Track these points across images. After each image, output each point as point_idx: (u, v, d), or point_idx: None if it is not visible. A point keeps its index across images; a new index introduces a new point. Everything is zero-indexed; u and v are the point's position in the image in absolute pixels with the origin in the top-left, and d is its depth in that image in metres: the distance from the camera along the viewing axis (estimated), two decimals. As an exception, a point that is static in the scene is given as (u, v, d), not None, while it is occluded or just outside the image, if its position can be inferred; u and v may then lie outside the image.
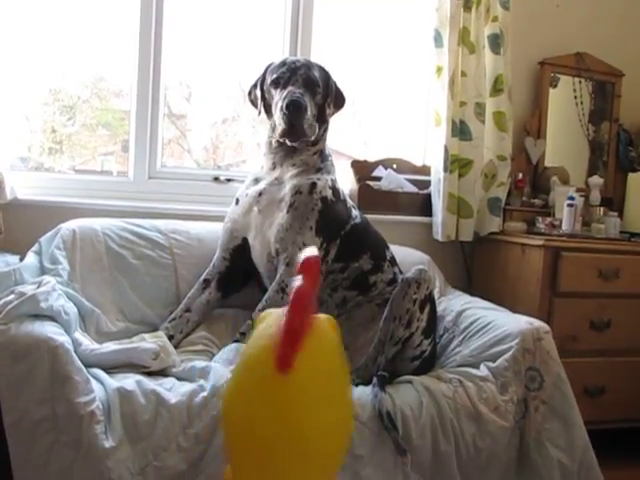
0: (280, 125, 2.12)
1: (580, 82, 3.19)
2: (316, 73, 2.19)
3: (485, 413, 1.91)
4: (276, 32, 2.91)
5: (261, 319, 1.15)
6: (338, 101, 2.30)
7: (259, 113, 2.30)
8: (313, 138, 2.18)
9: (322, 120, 2.24)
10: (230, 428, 1.06)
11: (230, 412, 1.05)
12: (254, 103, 2.33)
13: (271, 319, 1.10)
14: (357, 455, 1.75)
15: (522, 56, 3.06)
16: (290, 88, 2.12)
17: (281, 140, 2.16)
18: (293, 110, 2.07)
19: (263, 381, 1.02)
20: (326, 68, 2.28)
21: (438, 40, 2.81)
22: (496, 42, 2.86)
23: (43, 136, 2.80)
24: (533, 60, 3.13)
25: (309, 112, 2.12)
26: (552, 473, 1.93)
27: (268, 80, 2.21)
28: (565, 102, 3.18)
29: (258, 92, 2.27)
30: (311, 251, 1.12)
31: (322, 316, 1.14)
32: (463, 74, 2.84)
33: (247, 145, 3.18)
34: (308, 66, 2.19)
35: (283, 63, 2.20)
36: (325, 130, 2.28)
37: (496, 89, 2.89)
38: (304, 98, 2.10)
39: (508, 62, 2.89)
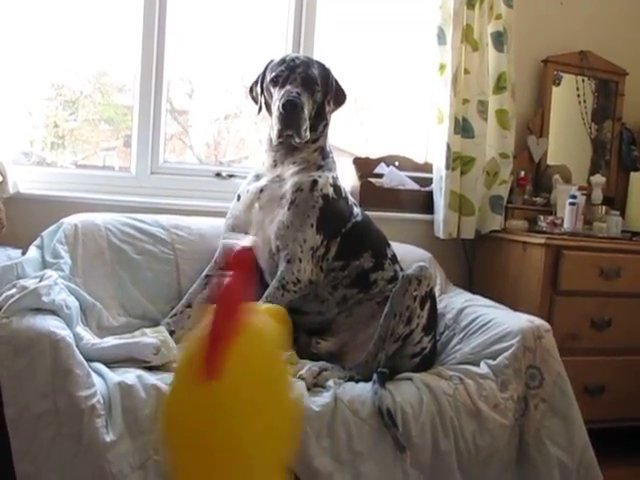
0: (276, 125, 2.12)
1: (583, 80, 3.18)
2: (315, 71, 2.18)
3: (485, 411, 1.91)
4: (279, 28, 2.91)
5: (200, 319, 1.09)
6: (338, 98, 2.30)
7: (259, 110, 2.30)
8: (309, 137, 2.17)
9: (322, 117, 2.24)
10: (169, 436, 1.03)
11: (167, 420, 1.03)
12: (255, 100, 2.33)
13: (205, 320, 1.04)
14: (357, 451, 1.76)
15: (525, 54, 3.05)
16: (288, 87, 2.12)
17: (280, 140, 2.17)
18: (289, 110, 2.08)
19: (193, 388, 0.98)
20: (326, 65, 2.27)
21: (441, 37, 2.81)
22: (499, 40, 2.86)
23: (45, 131, 2.80)
24: (536, 58, 3.12)
25: (306, 112, 2.12)
26: (551, 471, 1.94)
27: (268, 78, 2.21)
28: (568, 100, 3.18)
29: (258, 89, 2.27)
30: (247, 241, 1.05)
31: (267, 307, 1.13)
32: (466, 72, 2.84)
33: (249, 142, 3.18)
34: (307, 64, 2.19)
35: (282, 61, 2.20)
36: (325, 127, 2.27)
37: (499, 87, 2.89)
38: (301, 98, 2.10)
39: (511, 60, 2.89)
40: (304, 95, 2.12)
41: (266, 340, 1.05)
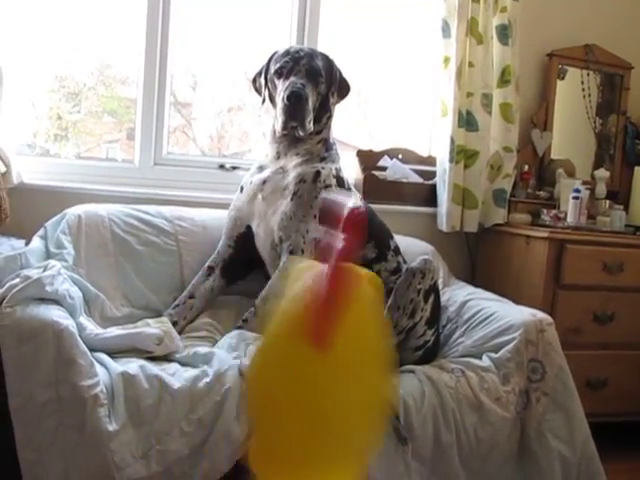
0: (281, 116, 2.12)
1: (588, 74, 3.17)
2: (319, 62, 2.18)
3: (487, 403, 1.92)
4: (283, 21, 2.90)
5: (294, 276, 0.96)
6: (342, 90, 2.30)
7: (262, 101, 2.30)
8: (313, 129, 2.17)
9: (326, 109, 2.24)
10: (256, 404, 0.94)
11: (256, 387, 0.93)
12: (258, 91, 2.33)
13: (306, 279, 0.92)
14: (358, 443, 1.76)
15: (530, 47, 3.04)
16: (292, 79, 2.12)
17: (284, 132, 2.16)
18: (294, 101, 2.07)
19: (294, 356, 0.88)
20: (330, 57, 2.27)
21: (446, 30, 2.80)
22: (504, 33, 2.85)
23: (49, 123, 2.80)
24: (541, 51, 3.11)
25: (310, 103, 2.12)
26: (552, 464, 1.94)
27: (272, 69, 2.21)
28: (573, 94, 3.17)
29: (262, 80, 2.27)
30: (354, 202, 0.93)
31: (363, 273, 0.98)
32: (470, 65, 2.83)
33: (252, 134, 3.17)
34: (311, 55, 2.18)
35: (287, 52, 2.19)
36: (329, 119, 2.27)
37: (503, 80, 2.88)
38: (305, 89, 2.10)
39: (516, 53, 2.88)
40: (308, 87, 2.12)
41: (372, 310, 0.96)
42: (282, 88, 2.13)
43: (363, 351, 0.90)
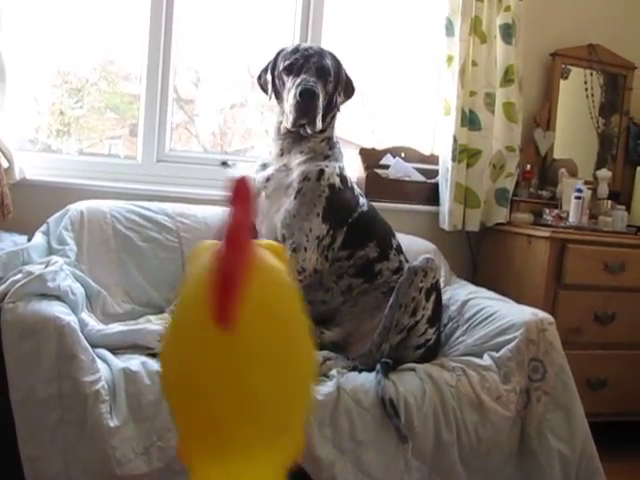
0: (291, 113, 2.11)
1: (591, 74, 3.17)
2: (328, 61, 2.18)
3: (487, 402, 1.92)
4: (286, 19, 2.90)
5: (194, 255, 0.91)
6: (348, 90, 2.30)
7: (269, 98, 2.29)
8: (321, 126, 2.17)
9: (331, 108, 2.24)
10: (170, 392, 0.87)
11: (167, 374, 0.87)
12: (263, 88, 2.32)
13: (205, 256, 0.86)
14: (359, 440, 1.77)
15: (534, 47, 3.04)
16: (303, 76, 2.12)
17: (293, 129, 2.16)
18: (306, 98, 2.07)
19: (201, 337, 0.81)
20: (337, 56, 2.27)
21: (449, 29, 2.80)
22: (508, 32, 2.84)
23: (51, 118, 2.80)
24: (545, 51, 3.11)
25: (321, 101, 2.12)
26: (552, 463, 1.94)
27: (280, 66, 2.20)
28: (576, 94, 3.16)
29: (269, 77, 2.27)
30: (241, 172, 0.86)
31: (266, 244, 0.92)
32: (474, 64, 2.82)
33: (255, 132, 3.17)
34: (321, 54, 2.18)
35: (296, 50, 2.19)
36: (333, 118, 2.27)
37: (507, 79, 2.88)
38: (317, 87, 2.10)
39: (519, 52, 2.87)
40: (319, 84, 2.12)
41: (280, 280, 0.89)
42: (292, 85, 2.12)
43: (275, 321, 0.84)
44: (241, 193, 0.84)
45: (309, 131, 2.13)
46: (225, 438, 0.82)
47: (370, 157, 2.94)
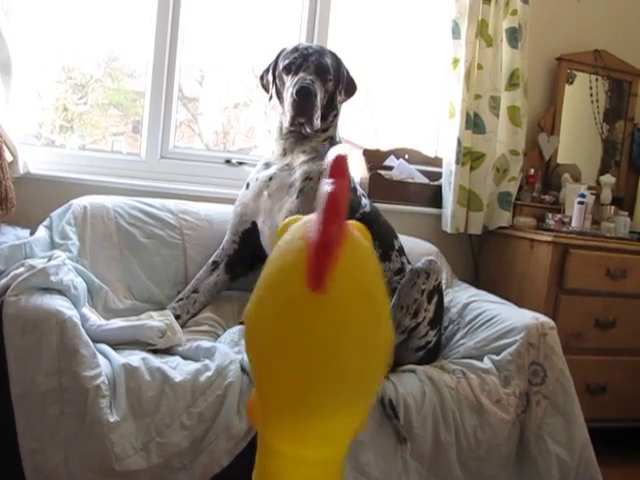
0: (289, 112, 2.12)
1: (597, 80, 3.17)
2: (328, 60, 2.18)
3: (487, 405, 1.92)
4: (292, 19, 2.90)
5: (283, 228, 0.94)
6: (349, 89, 2.30)
7: (270, 98, 2.30)
8: (320, 126, 2.17)
9: (332, 107, 2.24)
10: (255, 353, 0.90)
11: (254, 335, 0.89)
12: (265, 88, 2.33)
13: (297, 229, 0.90)
14: (358, 441, 1.76)
15: (539, 51, 3.04)
16: (301, 74, 2.12)
17: (291, 128, 2.16)
18: (303, 97, 2.07)
19: (293, 301, 0.84)
20: (338, 55, 2.27)
21: (455, 31, 2.80)
22: (514, 36, 2.84)
23: (55, 114, 2.80)
24: (550, 55, 3.11)
25: (318, 100, 2.12)
26: (550, 467, 1.94)
27: (280, 66, 2.21)
28: (581, 99, 3.16)
29: (270, 77, 2.27)
30: (340, 150, 0.92)
31: (353, 223, 0.95)
32: (479, 67, 2.83)
33: (258, 131, 3.18)
34: (320, 52, 2.18)
35: (295, 49, 2.19)
36: (335, 117, 2.27)
37: (512, 83, 2.88)
38: (314, 85, 2.10)
39: (525, 57, 2.87)
40: (317, 83, 2.12)
41: (365, 252, 0.93)
42: (291, 84, 2.13)
43: (363, 293, 0.88)
44: (340, 168, 0.87)
45: (308, 130, 2.14)
46: (310, 400, 0.84)
47: (374, 158, 2.94)
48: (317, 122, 2.13)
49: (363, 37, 3.05)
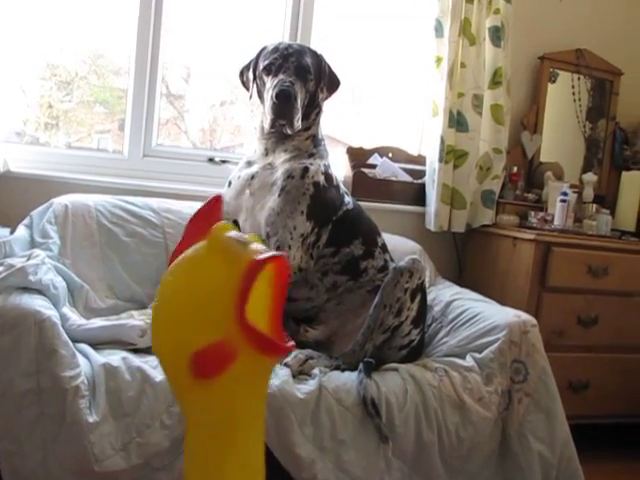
0: (269, 114, 2.11)
1: (579, 78, 3.18)
2: (308, 59, 2.17)
3: (469, 403, 1.92)
4: (277, 17, 2.89)
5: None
6: (332, 85, 2.28)
7: (250, 96, 2.29)
8: (301, 126, 2.16)
9: (315, 105, 2.23)
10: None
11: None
12: (245, 85, 2.33)
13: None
14: (340, 439, 1.76)
15: (522, 50, 3.05)
16: (281, 76, 2.11)
17: (272, 130, 2.16)
18: (282, 100, 2.07)
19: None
20: (319, 52, 2.26)
21: (439, 30, 2.80)
22: (497, 35, 2.85)
23: (39, 111, 2.78)
24: (533, 54, 3.12)
25: (299, 102, 2.11)
26: (532, 464, 1.95)
27: (260, 66, 2.20)
28: (563, 98, 3.18)
29: (250, 75, 2.26)
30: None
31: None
32: (462, 65, 2.83)
33: (244, 129, 3.16)
34: (300, 52, 2.17)
35: (276, 49, 2.18)
36: (318, 115, 2.26)
37: (495, 82, 2.89)
38: (294, 87, 2.09)
39: (508, 55, 2.89)
40: (297, 84, 2.11)
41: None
42: (271, 85, 2.12)
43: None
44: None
45: (289, 131, 2.13)
46: None
47: (357, 156, 2.94)
48: (298, 124, 2.12)
49: (347, 35, 3.05)
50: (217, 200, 1.36)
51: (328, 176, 2.21)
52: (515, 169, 2.99)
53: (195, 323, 1.15)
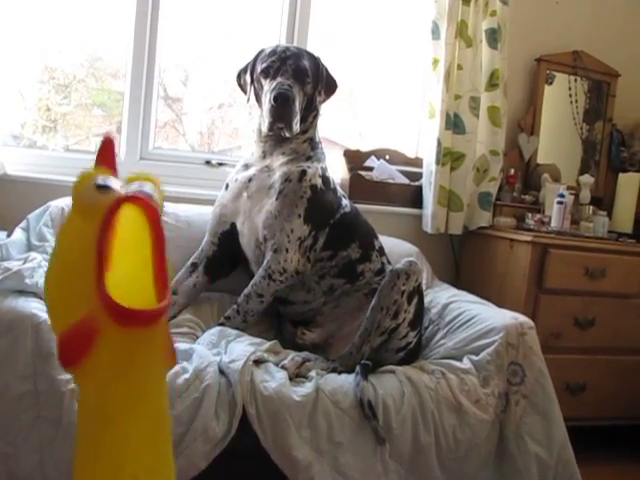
0: (267, 117, 2.11)
1: (576, 80, 3.19)
2: (306, 62, 2.17)
3: (466, 405, 1.92)
4: (274, 19, 2.89)
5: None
6: (329, 88, 2.29)
7: (248, 99, 2.29)
8: (300, 128, 2.17)
9: (312, 108, 2.23)
10: None
11: None
12: (242, 88, 2.33)
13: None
14: (337, 442, 1.76)
15: (519, 52, 3.06)
16: (279, 79, 2.11)
17: (270, 133, 2.16)
18: (281, 103, 2.07)
19: None
20: (316, 55, 2.26)
21: (435, 32, 2.81)
22: (493, 37, 2.85)
23: (37, 114, 2.78)
24: (530, 56, 3.13)
25: (297, 104, 2.11)
26: (530, 467, 1.95)
27: (258, 68, 2.20)
28: (560, 100, 3.19)
29: (248, 78, 2.26)
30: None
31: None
32: (459, 67, 2.84)
33: (243, 131, 3.17)
34: (298, 55, 2.17)
35: (273, 52, 2.18)
36: (315, 118, 2.27)
37: (491, 84, 2.89)
38: (293, 90, 2.09)
39: (505, 57, 2.89)
40: (295, 87, 2.11)
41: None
42: (269, 89, 2.12)
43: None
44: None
45: (287, 134, 2.13)
46: None
47: (354, 159, 2.94)
48: (296, 127, 2.13)
49: (344, 38, 3.05)
50: (107, 143, 1.16)
51: (325, 179, 2.21)
52: (512, 171, 2.99)
53: (63, 300, 1.01)
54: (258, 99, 2.24)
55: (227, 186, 2.28)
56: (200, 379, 1.70)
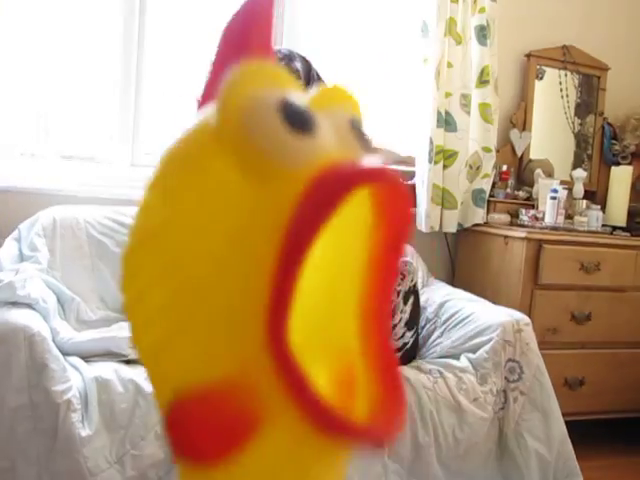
0: None
1: (566, 75, 3.19)
2: (297, 64, 2.16)
3: (464, 404, 1.92)
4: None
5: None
6: None
7: None
8: None
9: None
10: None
11: None
12: None
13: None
14: (336, 445, 1.75)
15: (508, 48, 3.05)
16: None
17: None
18: None
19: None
20: (308, 57, 2.25)
21: (425, 30, 2.80)
22: (483, 33, 2.85)
23: (27, 122, 2.75)
24: (519, 52, 3.12)
25: None
26: (530, 463, 1.95)
27: None
28: (551, 95, 3.18)
29: None
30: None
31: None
32: (449, 65, 2.83)
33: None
34: (290, 57, 2.16)
35: None
36: None
37: (482, 80, 2.88)
38: None
39: (494, 53, 2.88)
40: None
41: None
42: None
43: None
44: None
45: None
46: None
47: (347, 159, 2.93)
48: None
49: (334, 37, 3.03)
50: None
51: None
52: (505, 167, 2.98)
53: (179, 339, 0.57)
54: None
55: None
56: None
